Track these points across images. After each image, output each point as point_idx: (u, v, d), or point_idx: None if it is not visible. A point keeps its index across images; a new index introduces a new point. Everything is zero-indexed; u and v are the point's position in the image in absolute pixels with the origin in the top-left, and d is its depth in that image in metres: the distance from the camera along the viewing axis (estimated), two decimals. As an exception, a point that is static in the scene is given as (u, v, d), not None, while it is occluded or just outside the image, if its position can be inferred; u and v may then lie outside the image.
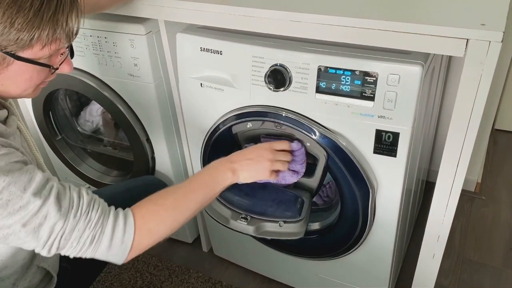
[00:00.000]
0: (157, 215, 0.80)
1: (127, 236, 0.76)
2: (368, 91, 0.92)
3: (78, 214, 0.72)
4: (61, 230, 0.70)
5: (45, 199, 0.69)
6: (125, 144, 1.58)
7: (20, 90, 0.74)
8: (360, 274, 1.25)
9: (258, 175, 0.95)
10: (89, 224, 0.73)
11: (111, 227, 0.75)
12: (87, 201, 0.74)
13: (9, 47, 0.65)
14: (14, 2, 0.63)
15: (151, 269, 1.56)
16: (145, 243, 0.79)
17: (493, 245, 1.61)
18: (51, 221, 0.69)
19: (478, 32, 0.73)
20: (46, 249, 0.71)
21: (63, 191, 0.73)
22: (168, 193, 0.84)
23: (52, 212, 0.69)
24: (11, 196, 0.66)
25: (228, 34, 1.05)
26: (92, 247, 0.74)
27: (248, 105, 1.08)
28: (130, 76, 1.25)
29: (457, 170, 0.89)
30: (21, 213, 0.67)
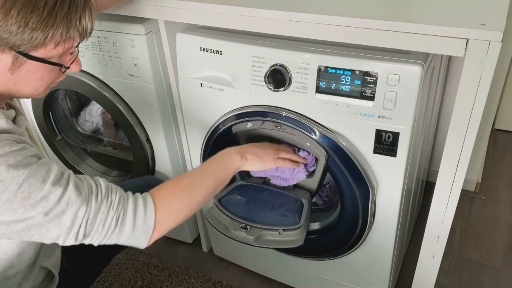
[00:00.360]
0: (174, 195, 0.82)
1: (149, 215, 0.76)
2: (368, 91, 0.92)
3: (99, 198, 0.73)
4: (85, 215, 0.71)
5: (65, 188, 0.70)
6: (125, 144, 1.58)
7: (31, 90, 0.74)
8: (360, 274, 1.25)
9: (265, 162, 1.00)
10: (112, 206, 0.73)
11: (132, 208, 0.75)
12: (105, 186, 0.75)
13: (22, 47, 0.66)
14: (29, 2, 0.63)
15: (151, 269, 1.56)
16: (167, 222, 0.79)
17: (493, 245, 1.61)
18: (74, 207, 0.70)
19: (478, 32, 0.73)
20: (73, 236, 0.71)
21: (80, 180, 0.74)
22: (183, 176, 0.88)
23: (74, 198, 0.70)
24: (32, 188, 0.67)
25: (228, 34, 1.05)
26: (117, 230, 0.74)
27: (248, 105, 1.08)
28: (130, 76, 1.25)
29: (457, 170, 0.89)
30: (43, 203, 0.68)
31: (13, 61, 0.68)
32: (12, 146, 0.68)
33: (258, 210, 1.10)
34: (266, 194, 1.13)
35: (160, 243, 1.65)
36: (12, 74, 0.69)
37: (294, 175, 1.11)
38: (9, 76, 0.70)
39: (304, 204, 1.08)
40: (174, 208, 0.81)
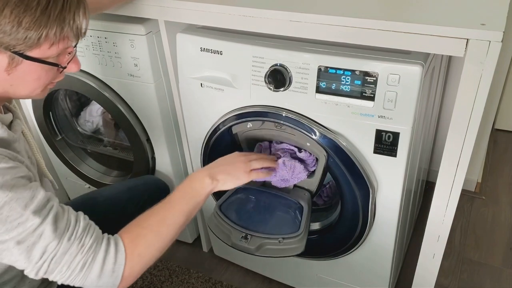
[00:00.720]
0: (145, 238, 0.79)
1: (118, 264, 0.74)
2: (368, 91, 0.92)
3: (73, 238, 0.71)
4: (53, 252, 0.69)
5: (44, 219, 0.68)
6: (125, 144, 1.58)
7: (28, 90, 0.74)
8: (360, 274, 1.25)
9: (237, 178, 0.97)
10: (82, 249, 0.71)
11: (102, 255, 0.73)
12: (83, 226, 0.73)
13: (18, 47, 0.66)
14: (21, 1, 0.63)
15: (151, 269, 1.56)
16: (137, 269, 0.77)
17: (493, 244, 1.61)
18: (45, 241, 0.68)
19: (478, 32, 0.73)
20: (34, 271, 0.70)
21: (62, 213, 0.72)
22: (152, 213, 0.83)
23: (48, 232, 0.68)
24: (11, 212, 0.65)
25: (228, 34, 1.05)
26: (82, 274, 0.72)
27: (248, 105, 1.08)
28: (130, 76, 1.25)
29: (457, 170, 0.89)
30: (19, 229, 0.66)
31: (9, 61, 0.67)
32: (2, 162, 0.67)
33: (258, 218, 1.10)
34: (265, 198, 1.13)
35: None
36: (8, 74, 0.69)
37: (294, 176, 1.11)
38: (6, 77, 0.69)
39: (303, 208, 1.09)
40: (144, 254, 0.78)
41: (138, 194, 1.20)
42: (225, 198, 1.14)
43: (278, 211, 1.10)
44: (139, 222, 0.81)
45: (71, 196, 1.87)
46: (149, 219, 0.82)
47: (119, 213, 1.14)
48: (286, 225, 1.08)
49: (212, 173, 0.93)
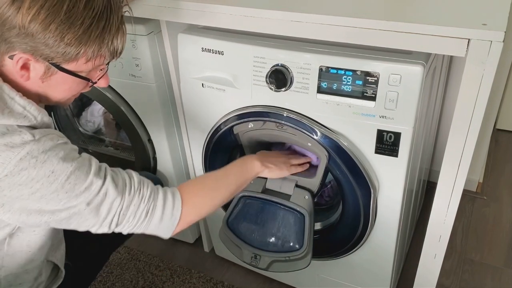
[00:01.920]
0: (200, 193, 0.90)
1: (176, 208, 0.83)
2: (369, 91, 0.92)
3: (132, 191, 0.79)
4: (119, 206, 0.77)
5: (104, 179, 0.76)
6: (127, 145, 1.58)
7: (58, 98, 0.79)
8: (361, 274, 1.25)
9: (281, 170, 1.08)
10: (143, 199, 0.80)
11: (162, 201, 0.82)
12: (137, 180, 0.81)
13: (56, 59, 0.70)
14: (67, 19, 0.67)
15: (153, 269, 1.56)
16: (191, 217, 0.87)
17: (495, 245, 1.60)
18: (110, 198, 0.76)
19: (479, 32, 0.73)
20: (106, 225, 0.77)
21: (115, 173, 0.80)
22: (208, 176, 0.99)
23: (111, 190, 0.76)
24: (77, 179, 0.72)
25: (229, 34, 1.05)
26: (146, 221, 0.81)
27: (249, 105, 1.08)
28: (131, 76, 1.25)
29: (459, 170, 0.89)
30: (86, 194, 0.73)
31: (45, 71, 0.72)
32: (59, 139, 0.74)
33: (264, 235, 1.15)
34: (267, 211, 1.16)
35: (161, 243, 1.66)
36: (42, 82, 0.73)
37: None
38: (40, 84, 0.74)
39: (305, 218, 1.10)
40: (198, 205, 0.88)
41: None
42: (231, 210, 1.18)
43: (282, 227, 1.14)
44: (195, 181, 0.95)
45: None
46: (204, 180, 0.96)
47: None
48: (292, 240, 1.12)
49: (262, 159, 1.05)
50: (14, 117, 0.70)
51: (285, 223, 1.13)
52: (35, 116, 0.74)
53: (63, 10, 0.66)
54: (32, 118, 0.73)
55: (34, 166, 0.69)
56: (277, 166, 1.07)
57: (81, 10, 0.67)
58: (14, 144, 0.68)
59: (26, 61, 0.70)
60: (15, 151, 0.68)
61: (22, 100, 0.72)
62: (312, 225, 1.12)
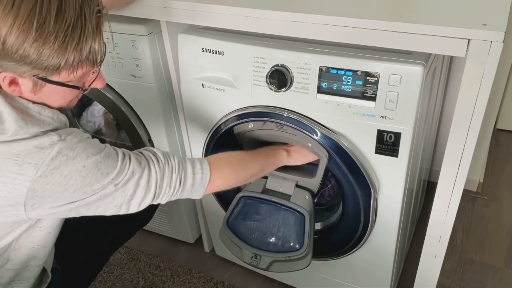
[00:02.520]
0: (227, 164, 0.97)
1: (205, 172, 0.89)
2: (369, 91, 0.92)
3: (161, 164, 0.84)
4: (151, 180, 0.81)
5: (129, 161, 0.80)
6: (127, 145, 1.58)
7: (57, 105, 0.79)
8: (362, 274, 1.25)
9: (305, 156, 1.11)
10: (174, 170, 0.85)
11: (191, 169, 0.88)
12: (162, 153, 0.86)
13: (40, 74, 0.70)
14: (40, 35, 0.66)
15: (153, 269, 1.56)
16: (219, 182, 0.93)
17: (495, 245, 1.60)
18: (136, 175, 0.80)
19: (479, 32, 0.73)
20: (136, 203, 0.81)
21: (137, 153, 0.84)
22: (235, 153, 1.03)
23: (136, 168, 0.80)
24: (108, 168, 0.76)
25: (230, 34, 1.05)
26: (181, 189, 0.86)
27: (249, 105, 1.08)
28: (131, 76, 1.25)
29: (459, 170, 0.89)
30: (116, 177, 0.77)
31: (33, 85, 0.71)
32: (83, 135, 0.77)
33: (264, 236, 1.16)
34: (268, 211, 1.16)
35: (162, 243, 1.66)
36: (35, 95, 0.73)
37: None
38: (33, 96, 0.74)
39: (305, 218, 1.10)
40: (226, 173, 0.95)
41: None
42: (231, 210, 1.18)
43: (282, 227, 1.14)
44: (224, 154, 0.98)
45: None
46: (233, 155, 1.01)
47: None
48: (292, 240, 1.12)
49: (287, 149, 1.10)
50: (37, 124, 0.73)
51: (285, 223, 1.14)
52: (51, 117, 0.75)
53: (34, 27, 0.65)
54: (51, 120, 0.75)
55: (66, 163, 0.72)
56: (301, 155, 1.10)
57: (52, 25, 0.66)
58: (44, 145, 0.71)
59: (12, 78, 0.70)
60: (46, 151, 0.71)
61: (35, 107, 0.74)
62: (313, 225, 1.12)
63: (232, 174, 0.96)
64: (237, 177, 0.98)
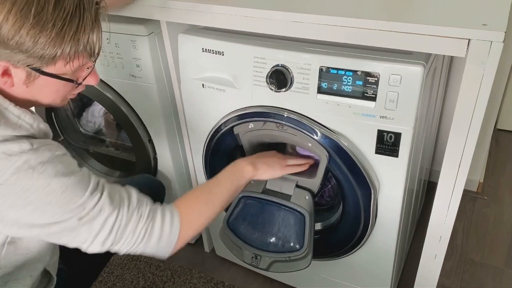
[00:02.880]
0: (196, 208, 0.89)
1: (175, 227, 0.82)
2: (369, 92, 0.92)
3: (131, 209, 0.77)
4: (116, 223, 0.75)
5: (100, 196, 0.74)
6: (127, 145, 1.58)
7: (48, 101, 0.77)
8: (362, 274, 1.25)
9: (274, 170, 1.06)
10: (141, 218, 0.78)
11: (160, 221, 0.80)
12: (136, 198, 0.80)
13: (34, 64, 0.68)
14: (37, 22, 0.64)
15: (153, 269, 1.56)
16: (189, 234, 0.85)
17: (496, 245, 1.60)
18: (105, 214, 0.74)
19: (479, 32, 0.73)
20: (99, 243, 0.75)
21: (113, 188, 0.78)
22: (201, 189, 0.96)
23: (106, 206, 0.74)
24: (73, 195, 0.71)
25: (230, 34, 1.05)
26: (145, 241, 0.78)
27: (249, 105, 1.08)
28: (132, 77, 1.25)
29: (459, 170, 0.89)
30: (80, 209, 0.72)
31: (27, 76, 0.69)
32: (58, 150, 0.72)
33: (265, 237, 1.15)
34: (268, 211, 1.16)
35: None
36: (27, 87, 0.71)
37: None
38: (25, 89, 0.72)
39: (305, 218, 1.10)
40: (195, 221, 0.87)
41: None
42: (231, 210, 1.17)
43: (283, 228, 1.14)
44: (189, 196, 0.91)
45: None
46: (198, 194, 0.93)
47: None
48: (292, 240, 1.12)
49: (254, 162, 1.03)
50: (11, 127, 0.69)
51: (285, 224, 1.14)
52: (31, 124, 0.72)
53: (32, 14, 0.63)
54: (29, 127, 0.72)
55: (31, 176, 0.67)
56: (270, 166, 1.05)
57: (51, 12, 0.64)
58: (12, 152, 0.67)
59: (5, 68, 0.68)
60: (12, 159, 0.67)
61: (16, 110, 0.71)
62: (313, 225, 1.12)
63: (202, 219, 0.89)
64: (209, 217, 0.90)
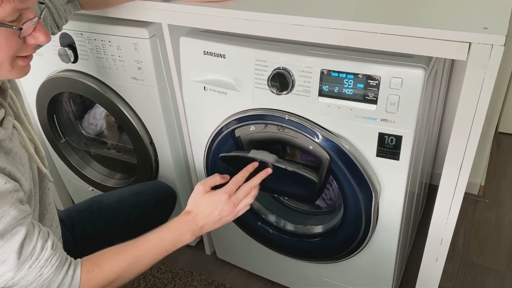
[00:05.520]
0: (101, 283, 0.80)
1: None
2: (370, 95, 0.92)
3: (33, 266, 0.72)
4: (11, 277, 0.71)
5: (7, 242, 0.69)
6: (129, 147, 1.58)
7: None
8: (363, 277, 1.25)
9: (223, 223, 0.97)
10: (39, 279, 0.73)
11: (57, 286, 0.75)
12: (48, 255, 0.74)
13: None
14: None
15: (154, 271, 1.56)
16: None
17: (497, 248, 1.60)
18: (6, 267, 0.70)
19: (480, 36, 0.73)
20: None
21: (31, 237, 0.72)
22: (120, 258, 0.83)
23: (11, 259, 0.70)
24: None
25: (231, 37, 1.06)
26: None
27: (251, 108, 1.08)
28: (133, 79, 1.26)
29: (460, 173, 0.89)
30: None
31: None
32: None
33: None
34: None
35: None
36: None
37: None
38: None
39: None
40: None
41: (144, 199, 1.21)
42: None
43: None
44: (103, 263, 0.81)
45: (74, 199, 1.88)
46: (113, 264, 0.82)
47: (124, 218, 1.15)
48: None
49: (198, 231, 0.94)
50: None
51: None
52: None
53: None
54: None
55: None
56: (217, 224, 0.96)
57: None
58: None
59: None
60: None
61: None
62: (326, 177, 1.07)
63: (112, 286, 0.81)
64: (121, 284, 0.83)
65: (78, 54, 1.30)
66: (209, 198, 0.95)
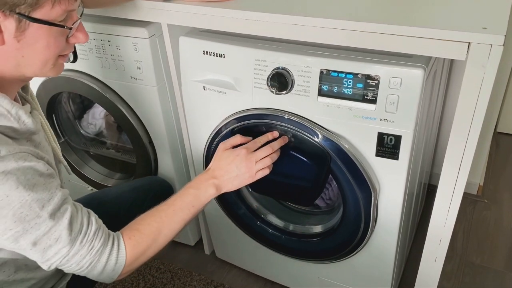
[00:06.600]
0: (145, 245, 0.86)
1: (119, 264, 0.82)
2: (370, 94, 0.92)
3: (84, 241, 0.77)
4: (66, 253, 0.75)
5: (58, 221, 0.73)
6: (128, 147, 1.58)
7: (40, 62, 0.74)
8: (362, 277, 1.25)
9: (242, 183, 1.00)
10: (91, 251, 0.78)
11: (106, 257, 0.80)
12: (95, 229, 0.79)
13: (21, 7, 0.66)
14: None
15: (153, 271, 1.56)
16: (132, 268, 0.85)
17: (496, 248, 1.60)
18: (60, 244, 0.74)
19: (479, 36, 0.74)
20: (47, 265, 0.76)
21: (75, 215, 0.77)
22: (154, 219, 0.89)
23: (64, 236, 0.74)
24: (30, 211, 0.69)
25: (231, 37, 1.06)
26: (88, 270, 0.79)
27: (250, 108, 1.08)
28: (133, 79, 1.26)
29: (459, 173, 0.89)
30: (34, 230, 0.71)
31: (16, 25, 0.67)
32: (26, 160, 0.69)
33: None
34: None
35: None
36: (18, 41, 0.69)
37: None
38: (17, 45, 0.69)
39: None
40: (141, 258, 0.86)
41: (143, 194, 1.22)
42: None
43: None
44: (141, 227, 0.87)
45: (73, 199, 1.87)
46: (151, 226, 0.88)
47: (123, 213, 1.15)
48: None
49: (218, 184, 0.97)
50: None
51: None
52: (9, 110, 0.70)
53: None
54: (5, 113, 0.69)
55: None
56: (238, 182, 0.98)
57: None
58: None
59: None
60: None
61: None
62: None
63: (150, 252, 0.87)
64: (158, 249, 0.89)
65: (78, 53, 1.30)
66: (229, 153, 1.00)
